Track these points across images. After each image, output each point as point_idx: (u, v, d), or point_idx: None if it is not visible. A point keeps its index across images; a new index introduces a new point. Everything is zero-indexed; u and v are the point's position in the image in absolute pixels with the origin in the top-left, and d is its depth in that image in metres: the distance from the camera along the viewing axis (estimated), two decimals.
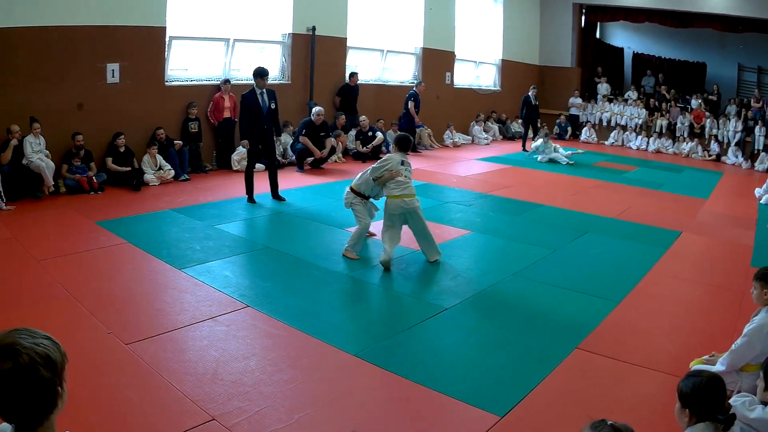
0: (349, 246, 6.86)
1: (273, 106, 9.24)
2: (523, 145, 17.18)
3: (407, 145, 7.03)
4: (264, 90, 9.14)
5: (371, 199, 7.13)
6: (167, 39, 10.92)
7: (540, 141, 15.49)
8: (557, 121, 20.67)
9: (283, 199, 9.42)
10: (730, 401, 3.20)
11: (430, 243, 6.83)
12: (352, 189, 7.06)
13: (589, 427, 2.22)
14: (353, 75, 14.30)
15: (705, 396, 2.68)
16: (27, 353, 1.63)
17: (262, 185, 9.77)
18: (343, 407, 3.89)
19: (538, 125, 17.92)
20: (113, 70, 10.05)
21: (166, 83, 11.06)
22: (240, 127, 9.57)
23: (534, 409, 3.96)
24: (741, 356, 3.94)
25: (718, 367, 4.05)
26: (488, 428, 3.70)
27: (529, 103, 17.20)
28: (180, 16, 11.12)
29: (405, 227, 6.84)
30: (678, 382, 2.79)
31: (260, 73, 9.08)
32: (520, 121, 18.37)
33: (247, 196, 9.31)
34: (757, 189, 12.23)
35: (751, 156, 17.22)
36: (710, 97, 19.29)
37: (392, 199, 6.65)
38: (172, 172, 10.46)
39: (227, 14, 11.97)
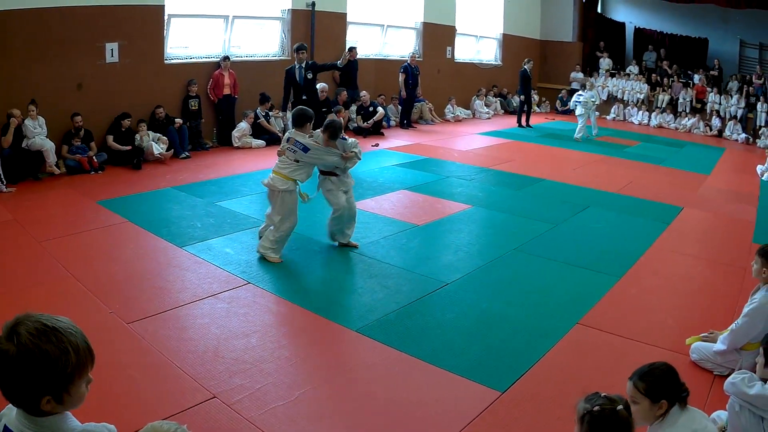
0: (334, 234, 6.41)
1: (309, 76, 10.34)
2: (518, 121, 17.02)
3: (301, 120, 6.06)
4: (302, 64, 10.29)
5: (346, 170, 6.33)
6: (166, 17, 10.82)
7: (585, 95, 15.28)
8: (558, 95, 20.56)
9: None
10: (730, 379, 3.22)
11: (277, 239, 5.94)
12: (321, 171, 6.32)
13: (583, 399, 2.27)
14: (352, 49, 14.07)
15: (673, 379, 2.71)
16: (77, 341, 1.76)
17: (262, 162, 9.74)
18: (344, 383, 3.91)
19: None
20: (112, 49, 9.95)
21: (166, 61, 10.97)
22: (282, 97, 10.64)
23: (535, 384, 3.97)
24: (742, 336, 3.96)
25: (719, 346, 4.07)
26: (489, 404, 3.71)
27: (527, 77, 16.92)
28: None
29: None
30: (633, 384, 2.72)
31: (296, 48, 10.43)
32: (523, 97, 18.10)
33: None
34: (759, 165, 12.14)
35: (753, 132, 17.06)
36: (711, 72, 19.06)
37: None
38: (170, 151, 10.41)
39: None
